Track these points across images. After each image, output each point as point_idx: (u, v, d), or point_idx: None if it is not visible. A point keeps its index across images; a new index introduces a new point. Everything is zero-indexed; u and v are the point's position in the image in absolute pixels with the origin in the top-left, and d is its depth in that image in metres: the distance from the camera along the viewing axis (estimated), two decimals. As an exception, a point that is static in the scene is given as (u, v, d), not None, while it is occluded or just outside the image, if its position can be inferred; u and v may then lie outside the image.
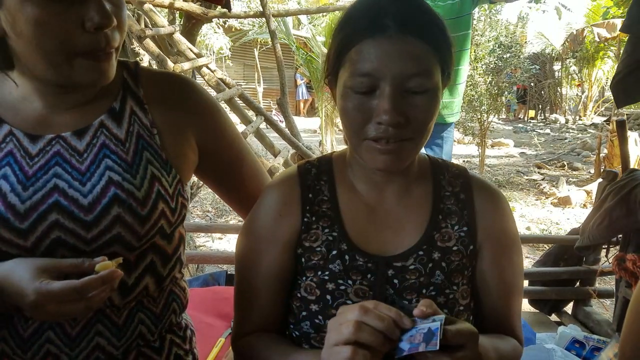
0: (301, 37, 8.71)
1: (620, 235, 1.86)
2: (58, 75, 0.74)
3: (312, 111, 16.30)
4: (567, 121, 14.98)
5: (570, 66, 15.87)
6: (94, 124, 0.81)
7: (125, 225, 0.77)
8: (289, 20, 7.85)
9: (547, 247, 2.24)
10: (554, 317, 2.15)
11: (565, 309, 2.18)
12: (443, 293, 0.84)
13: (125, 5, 0.79)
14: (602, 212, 1.84)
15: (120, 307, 0.82)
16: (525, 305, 2.10)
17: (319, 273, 0.85)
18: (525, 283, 1.88)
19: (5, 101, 0.81)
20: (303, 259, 0.86)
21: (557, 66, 16.34)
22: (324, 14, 7.68)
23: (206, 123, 0.91)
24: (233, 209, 1.12)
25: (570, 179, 7.71)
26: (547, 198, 6.65)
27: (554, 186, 7.23)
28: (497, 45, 7.19)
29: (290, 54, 11.11)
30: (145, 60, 3.03)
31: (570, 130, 13.25)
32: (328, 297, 0.83)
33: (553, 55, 15.82)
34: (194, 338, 1.00)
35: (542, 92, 16.29)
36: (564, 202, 6.30)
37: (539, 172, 8.39)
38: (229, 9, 1.33)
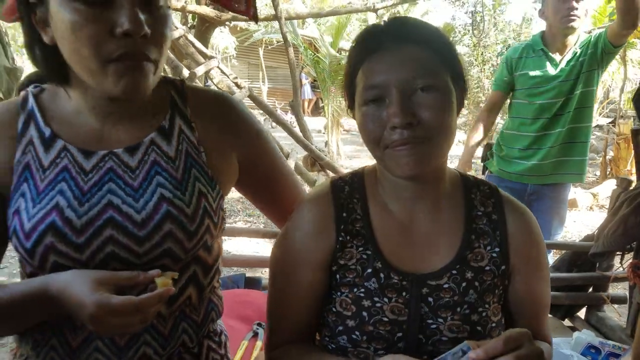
0: (308, 37, 8.72)
1: (635, 243, 1.88)
2: (96, 84, 0.77)
3: (316, 111, 16.34)
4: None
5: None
6: (144, 141, 0.85)
7: (176, 241, 0.81)
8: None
9: (561, 253, 2.27)
10: (567, 322, 2.18)
11: (578, 314, 2.21)
12: (476, 311, 0.88)
13: (169, 22, 0.81)
14: (617, 219, 1.86)
15: (166, 317, 0.85)
16: None
17: (355, 290, 0.88)
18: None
19: (60, 116, 0.84)
20: (338, 276, 0.90)
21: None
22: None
23: (248, 142, 0.95)
24: (270, 219, 1.15)
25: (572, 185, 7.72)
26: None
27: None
28: (505, 48, 7.20)
29: (295, 54, 11.18)
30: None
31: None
32: (364, 313, 0.87)
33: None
34: (227, 343, 1.04)
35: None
36: (571, 204, 6.31)
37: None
38: (257, 21, 1.35)
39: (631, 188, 1.96)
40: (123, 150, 0.83)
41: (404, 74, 0.80)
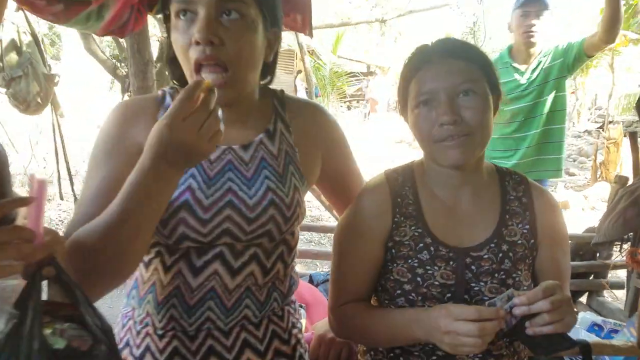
0: (309, 45, 8.93)
1: (632, 233, 2.11)
2: None
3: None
4: (561, 128, 15.32)
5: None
6: (255, 140, 1.03)
7: (276, 224, 0.99)
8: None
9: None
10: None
11: (580, 299, 2.43)
12: (511, 277, 1.07)
13: (249, 35, 0.92)
14: (617, 212, 2.09)
15: (261, 287, 1.03)
16: None
17: (409, 261, 1.07)
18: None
19: None
20: (393, 250, 1.09)
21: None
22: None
23: (332, 145, 1.14)
24: (334, 207, 1.35)
25: (568, 184, 7.99)
26: (546, 202, 6.91)
27: (552, 191, 7.51)
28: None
29: (291, 60, 11.32)
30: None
31: (566, 137, 13.58)
32: (418, 279, 1.06)
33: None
34: (299, 311, 1.22)
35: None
36: (563, 205, 6.57)
37: (537, 178, 8.65)
38: (311, 36, 1.54)
39: (628, 184, 2.19)
40: (239, 147, 1.01)
41: (450, 82, 1.01)
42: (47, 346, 0.72)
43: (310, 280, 2.03)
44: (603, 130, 9.55)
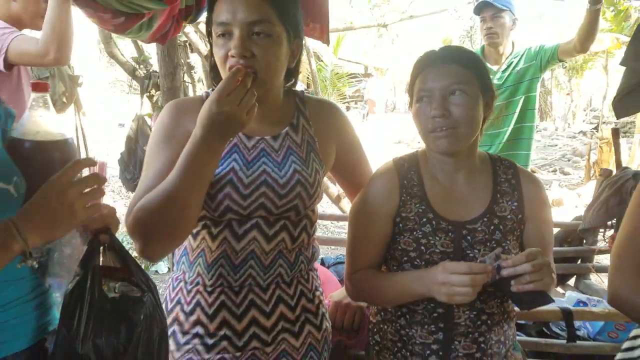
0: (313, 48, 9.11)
1: (615, 220, 2.32)
2: None
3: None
4: (557, 129, 15.58)
5: (560, 76, 16.48)
6: (282, 132, 1.24)
7: (302, 199, 1.20)
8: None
9: (555, 232, 2.71)
10: (559, 289, 2.61)
11: (568, 282, 2.64)
12: (501, 245, 1.26)
13: (274, 48, 1.12)
14: (600, 201, 2.30)
15: (291, 251, 1.24)
16: None
17: (414, 233, 1.27)
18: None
19: None
20: (401, 224, 1.29)
21: (547, 75, 16.98)
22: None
23: (345, 137, 1.35)
24: (346, 192, 1.56)
25: (562, 183, 8.22)
26: (541, 199, 7.12)
27: (547, 189, 7.73)
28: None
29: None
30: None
31: (560, 137, 13.82)
32: (422, 247, 1.26)
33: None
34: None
35: (533, 100, 16.84)
36: (557, 203, 6.79)
37: (532, 176, 8.86)
38: (328, 43, 1.73)
39: (611, 176, 2.40)
40: (270, 137, 1.23)
41: (444, 83, 1.22)
42: (105, 295, 0.93)
43: (322, 263, 2.23)
44: (597, 131, 9.78)
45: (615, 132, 2.34)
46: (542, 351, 1.70)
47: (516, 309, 1.36)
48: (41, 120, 0.93)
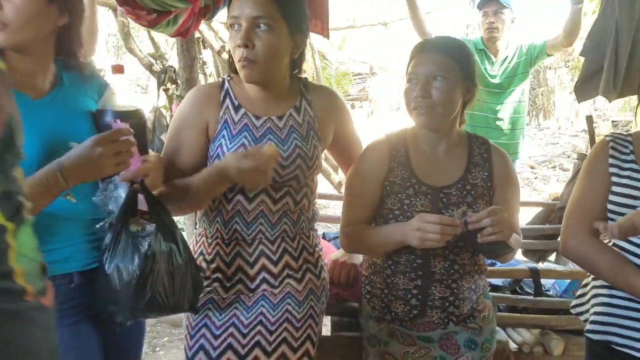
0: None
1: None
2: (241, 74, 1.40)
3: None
4: (559, 127, 15.73)
5: (564, 75, 16.58)
6: (286, 113, 1.49)
7: (302, 170, 1.45)
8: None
9: (537, 212, 2.93)
10: (540, 264, 2.83)
11: (549, 258, 2.86)
12: (472, 207, 1.49)
13: (273, 40, 1.33)
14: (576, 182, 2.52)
15: (293, 212, 1.49)
16: (520, 256, 2.78)
17: (399, 195, 1.51)
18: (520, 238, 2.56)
19: (241, 94, 1.49)
20: (388, 187, 1.53)
21: (550, 74, 17.09)
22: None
23: (341, 117, 1.60)
24: (340, 165, 1.81)
25: (561, 178, 8.43)
26: (539, 194, 7.35)
27: (545, 184, 7.94)
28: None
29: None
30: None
31: (562, 136, 13.99)
32: (405, 206, 1.49)
33: (546, 64, 16.58)
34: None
35: (536, 99, 16.99)
36: (555, 196, 6.98)
37: (532, 172, 9.09)
38: (328, 37, 1.97)
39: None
40: (276, 117, 1.47)
41: (428, 68, 1.41)
42: (128, 231, 1.20)
43: (324, 237, 2.48)
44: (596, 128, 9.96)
45: (589, 119, 2.57)
46: (514, 306, 1.94)
47: (488, 266, 1.60)
48: (118, 96, 1.22)
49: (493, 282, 2.09)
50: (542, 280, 2.03)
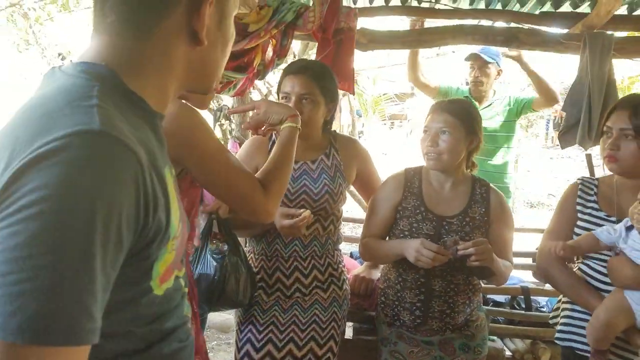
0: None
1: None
2: None
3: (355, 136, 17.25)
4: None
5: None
6: (318, 158, 1.91)
7: (328, 203, 1.85)
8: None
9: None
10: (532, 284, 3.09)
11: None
12: (469, 236, 1.72)
13: (315, 110, 1.85)
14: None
15: (322, 235, 1.87)
16: (530, 277, 3.06)
17: (409, 219, 1.77)
18: (529, 260, 2.86)
19: None
20: (401, 212, 1.80)
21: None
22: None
23: (362, 160, 2.01)
24: (363, 197, 2.23)
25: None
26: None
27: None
28: (527, 84, 8.11)
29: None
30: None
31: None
32: (414, 229, 1.76)
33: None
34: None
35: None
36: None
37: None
38: (354, 94, 2.40)
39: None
40: (310, 161, 1.89)
41: (438, 125, 1.74)
42: (208, 248, 1.64)
43: (351, 255, 2.88)
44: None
45: (589, 157, 2.85)
46: (512, 319, 2.28)
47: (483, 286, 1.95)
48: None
49: (496, 299, 2.44)
50: (540, 299, 2.37)
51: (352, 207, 4.57)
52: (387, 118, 12.64)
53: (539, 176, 11.13)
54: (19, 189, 0.55)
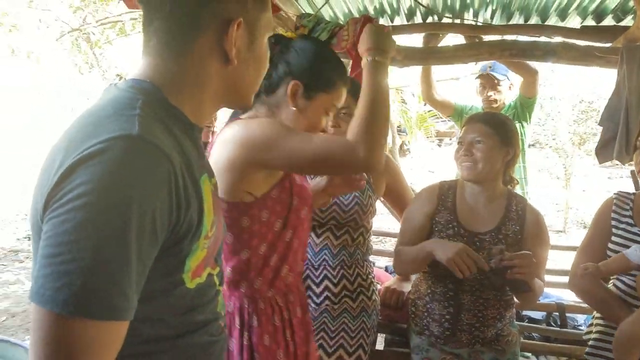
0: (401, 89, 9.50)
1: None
2: None
3: (401, 152, 17.22)
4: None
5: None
6: None
7: (358, 214, 1.86)
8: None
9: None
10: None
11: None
12: (502, 253, 1.65)
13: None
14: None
15: (351, 245, 1.86)
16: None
17: (441, 233, 1.80)
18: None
19: None
20: (434, 225, 1.83)
21: None
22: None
23: (392, 174, 2.06)
24: (395, 211, 2.26)
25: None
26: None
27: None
28: (578, 101, 7.90)
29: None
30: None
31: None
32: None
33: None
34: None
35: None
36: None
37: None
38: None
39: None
40: None
41: (473, 135, 1.77)
42: None
43: (386, 269, 2.91)
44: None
45: (634, 174, 2.76)
46: (548, 336, 2.24)
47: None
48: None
49: (532, 315, 2.39)
50: (578, 316, 2.31)
51: (394, 224, 4.61)
52: (434, 135, 12.50)
53: (594, 195, 10.67)
54: (69, 184, 0.64)
